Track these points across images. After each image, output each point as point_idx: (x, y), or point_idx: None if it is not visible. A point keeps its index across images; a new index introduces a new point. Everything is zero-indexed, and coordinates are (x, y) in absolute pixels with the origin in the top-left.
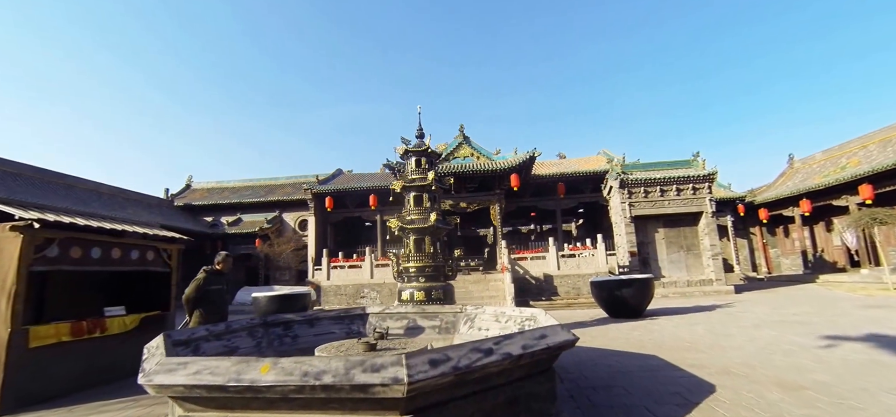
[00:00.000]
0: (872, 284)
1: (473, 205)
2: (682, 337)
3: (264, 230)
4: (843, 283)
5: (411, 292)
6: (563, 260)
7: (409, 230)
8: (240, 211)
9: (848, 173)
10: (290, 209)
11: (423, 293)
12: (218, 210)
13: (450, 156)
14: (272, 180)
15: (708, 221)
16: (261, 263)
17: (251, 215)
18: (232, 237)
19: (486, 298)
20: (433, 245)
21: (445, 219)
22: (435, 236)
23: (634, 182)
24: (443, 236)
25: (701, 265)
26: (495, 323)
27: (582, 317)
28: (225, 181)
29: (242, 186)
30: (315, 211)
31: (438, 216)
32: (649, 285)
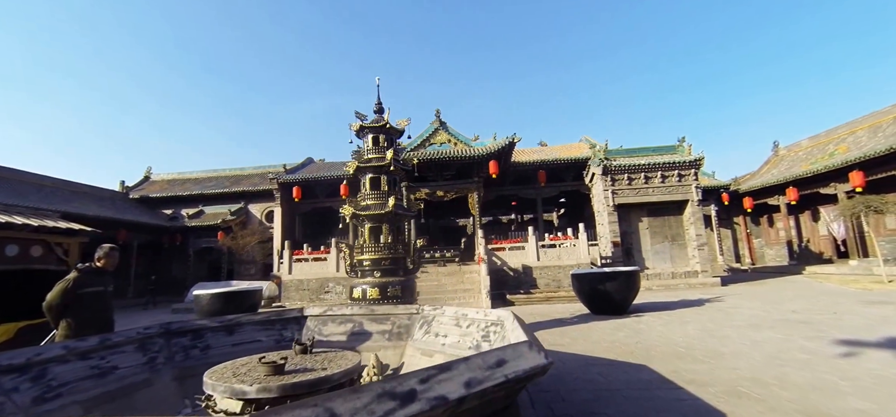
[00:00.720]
0: (863, 276)
1: (451, 193)
2: (673, 340)
3: (227, 222)
4: (832, 275)
5: (364, 288)
6: (542, 251)
7: (363, 217)
8: (202, 203)
9: (837, 160)
10: (256, 201)
11: (377, 290)
12: (179, 202)
13: (425, 142)
14: (238, 170)
15: (694, 209)
16: (224, 257)
17: (214, 206)
18: (193, 231)
19: (460, 292)
20: (392, 234)
21: (407, 204)
22: (394, 223)
23: (618, 169)
24: (404, 224)
25: (686, 255)
26: (455, 328)
27: (561, 313)
28: (187, 172)
29: (206, 176)
30: (282, 202)
31: (398, 201)
32: (635, 278)
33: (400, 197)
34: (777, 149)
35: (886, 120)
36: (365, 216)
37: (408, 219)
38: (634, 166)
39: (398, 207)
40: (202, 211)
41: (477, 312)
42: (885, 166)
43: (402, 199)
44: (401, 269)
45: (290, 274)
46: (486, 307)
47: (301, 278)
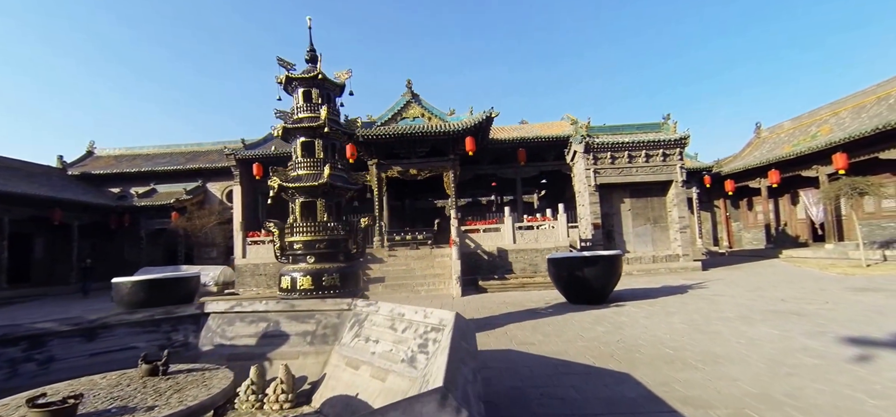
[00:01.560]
0: (839, 259)
1: (424, 172)
2: (659, 338)
3: (182, 202)
4: (808, 259)
5: (293, 277)
6: (519, 233)
7: (293, 191)
8: (155, 180)
9: (821, 141)
10: (216, 179)
11: (309, 279)
12: (127, 180)
13: (397, 116)
14: (195, 145)
15: (678, 191)
16: (180, 239)
17: (169, 184)
18: (144, 211)
19: (430, 277)
20: (329, 211)
21: (348, 175)
22: (331, 198)
23: (600, 146)
24: (344, 199)
25: (667, 238)
26: (389, 332)
27: (536, 302)
28: (137, 147)
29: (158, 152)
30: (241, 180)
31: (336, 171)
32: (617, 264)
33: (339, 166)
34: (759, 131)
35: (869, 100)
36: (295, 190)
37: (350, 193)
38: (618, 144)
39: (336, 177)
40: (154, 189)
41: (416, 312)
42: (869, 147)
43: (343, 168)
44: (341, 253)
45: (244, 258)
46: (456, 294)
47: (257, 262)
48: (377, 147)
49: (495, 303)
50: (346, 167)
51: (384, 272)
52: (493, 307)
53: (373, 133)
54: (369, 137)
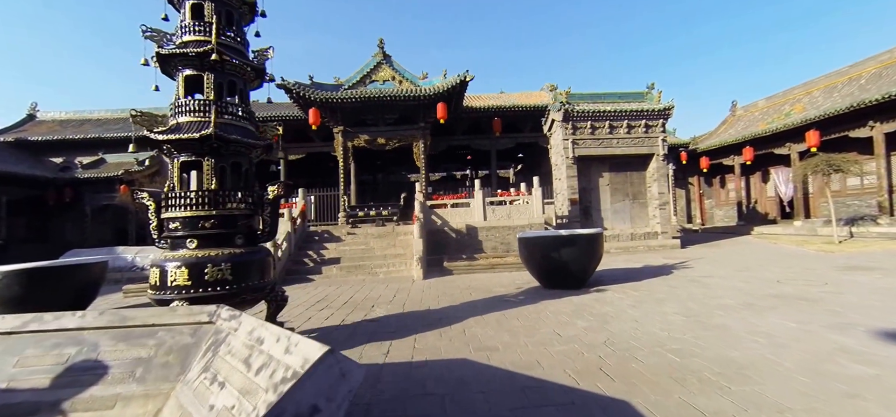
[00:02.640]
0: (808, 236)
1: (393, 141)
2: (655, 336)
3: (132, 174)
4: (779, 235)
5: (164, 270)
6: (490, 208)
7: (169, 146)
8: (104, 148)
9: (796, 119)
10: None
11: (185, 273)
12: (73, 148)
13: (366, 79)
14: (154, 109)
15: (658, 165)
16: (132, 216)
17: (120, 154)
18: (88, 184)
19: (390, 257)
20: (220, 176)
21: (256, 127)
22: (225, 157)
23: (580, 115)
24: (251, 160)
25: (646, 215)
26: (242, 370)
27: (506, 286)
28: (86, 111)
29: (111, 117)
30: None
31: (231, 118)
32: (598, 244)
33: (240, 113)
34: (735, 109)
35: (841, 80)
36: (170, 144)
37: (257, 152)
38: (599, 112)
39: (230, 128)
40: (103, 160)
41: (279, 339)
42: (840, 126)
43: (248, 117)
44: (239, 235)
45: None
46: (417, 277)
47: None
48: (343, 113)
49: (459, 288)
50: (250, 116)
51: (341, 252)
52: (455, 294)
53: (338, 97)
54: (334, 101)
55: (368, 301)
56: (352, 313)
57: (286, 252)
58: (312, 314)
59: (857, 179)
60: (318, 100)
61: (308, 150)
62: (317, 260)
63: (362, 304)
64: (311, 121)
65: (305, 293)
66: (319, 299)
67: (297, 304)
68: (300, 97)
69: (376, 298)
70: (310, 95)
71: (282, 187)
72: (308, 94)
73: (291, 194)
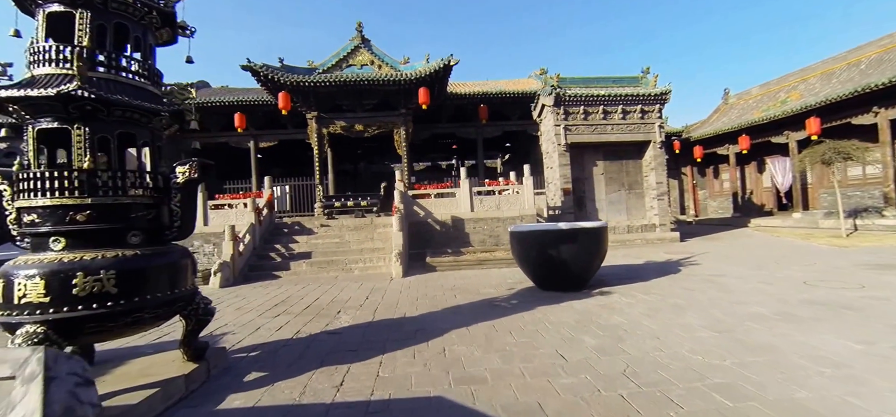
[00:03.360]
0: (809, 228)
1: (372, 128)
2: (686, 360)
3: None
4: (778, 227)
5: (13, 281)
6: (477, 199)
7: (19, 106)
8: None
9: (794, 106)
10: None
11: (44, 285)
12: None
13: (342, 63)
14: None
15: (656, 153)
16: None
17: None
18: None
19: (368, 252)
20: (90, 151)
21: (159, 88)
22: (104, 125)
23: (573, 99)
24: (152, 133)
25: (643, 206)
26: None
27: (495, 286)
28: None
29: None
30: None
31: (116, 72)
32: (602, 239)
33: (131, 67)
34: (727, 97)
35: (839, 67)
36: (18, 104)
37: (159, 121)
38: (592, 96)
39: (111, 85)
40: None
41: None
42: (842, 112)
43: (145, 73)
44: (134, 232)
45: None
46: (396, 274)
47: None
48: (317, 98)
49: (443, 288)
50: (152, 76)
51: (312, 246)
52: (437, 296)
53: (310, 80)
54: (306, 84)
55: (335, 305)
56: (311, 321)
57: (249, 247)
58: (264, 322)
59: (858, 169)
60: (288, 83)
61: (280, 137)
62: (285, 255)
63: (327, 309)
64: (281, 106)
65: (265, 293)
66: (279, 301)
67: (250, 308)
68: (269, 81)
69: (345, 301)
70: (279, 78)
71: (195, 168)
72: (277, 77)
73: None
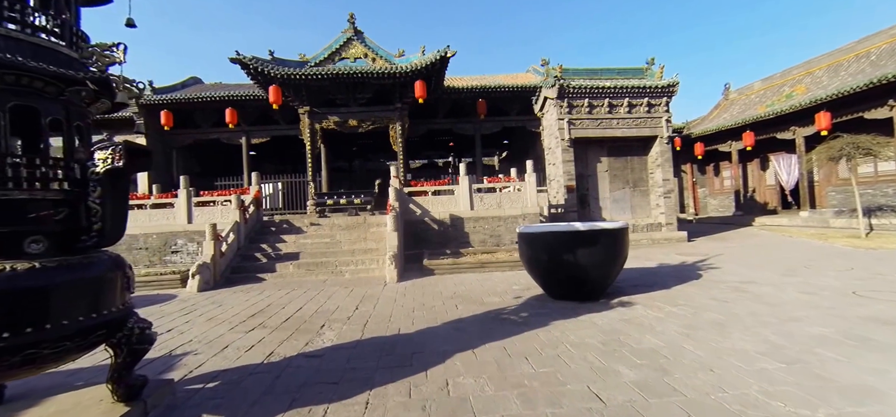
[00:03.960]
0: (819, 227)
1: (366, 124)
2: (764, 408)
3: None
4: (786, 227)
5: None
6: (477, 196)
7: None
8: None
9: (802, 100)
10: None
11: None
12: None
13: (334, 56)
14: None
15: (662, 149)
16: None
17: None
18: None
19: (360, 253)
20: None
21: (75, 48)
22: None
23: (577, 91)
24: (66, 108)
25: (648, 204)
26: None
27: (501, 294)
28: None
29: None
30: (147, 131)
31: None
32: (624, 242)
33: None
34: (728, 92)
35: (847, 58)
36: None
37: (72, 91)
38: (597, 88)
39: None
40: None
41: None
42: (854, 106)
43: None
44: (34, 238)
45: None
46: (390, 279)
47: (136, 232)
48: (309, 92)
49: (442, 296)
50: (68, 35)
51: (301, 247)
52: (436, 306)
53: (302, 73)
54: (297, 78)
55: (319, 317)
56: (289, 339)
57: (233, 246)
58: (235, 338)
59: (869, 166)
60: (278, 76)
61: (272, 133)
62: (271, 256)
63: (310, 322)
64: (272, 100)
65: (245, 299)
66: (258, 309)
67: (224, 317)
68: (258, 73)
69: (332, 312)
70: (269, 70)
71: (121, 153)
72: (267, 69)
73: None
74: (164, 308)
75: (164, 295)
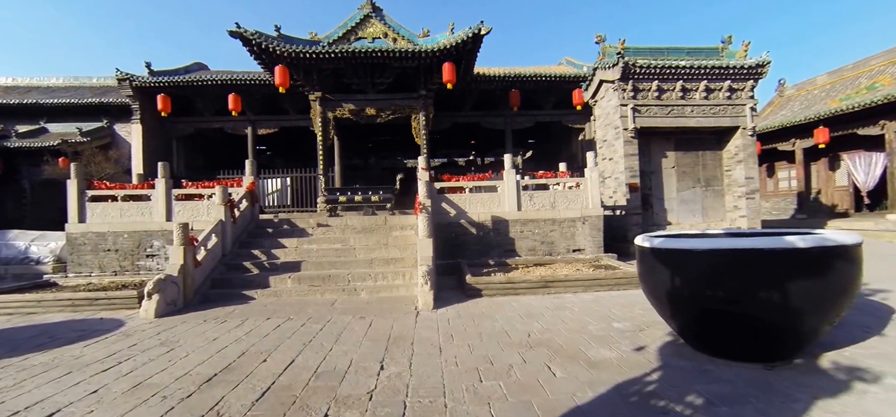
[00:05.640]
0: None
1: (386, 113)
2: None
3: (74, 145)
4: (874, 231)
5: None
6: (526, 195)
7: None
8: (46, 117)
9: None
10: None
11: None
12: (11, 115)
13: (350, 35)
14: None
15: (745, 141)
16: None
17: (67, 123)
18: (24, 154)
19: (379, 263)
20: None
21: None
22: None
23: (644, 72)
24: None
25: (722, 207)
26: None
27: (609, 343)
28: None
29: (62, 85)
30: (142, 117)
31: None
32: (860, 267)
33: None
34: (783, 89)
35: None
36: None
37: None
38: (669, 68)
39: None
40: (44, 129)
41: None
42: None
43: None
44: None
45: (82, 223)
46: (424, 304)
47: (104, 230)
48: (321, 75)
49: (511, 341)
50: None
51: (303, 254)
52: (513, 367)
53: (313, 52)
54: (307, 57)
55: (321, 390)
56: None
57: (215, 252)
58: None
59: None
60: (285, 55)
61: (281, 123)
62: (265, 266)
63: (304, 402)
64: (278, 83)
65: (214, 336)
66: (222, 366)
67: (158, 387)
68: (263, 51)
69: (342, 374)
70: (275, 48)
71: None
72: (272, 47)
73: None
74: (86, 351)
75: (107, 322)
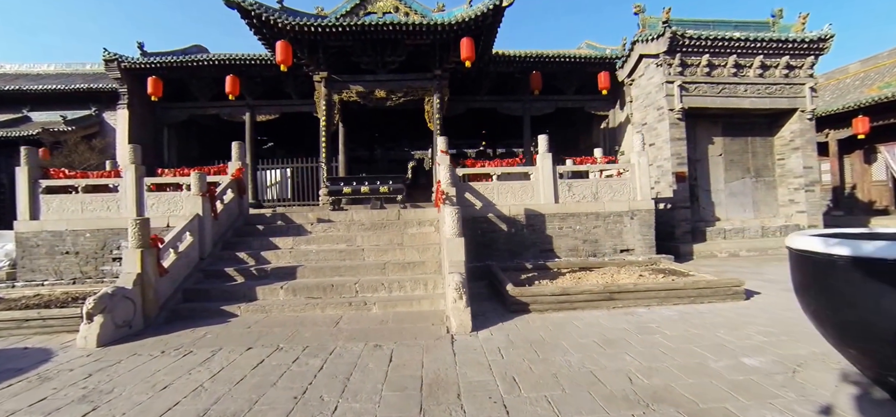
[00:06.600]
0: None
1: (397, 95)
2: None
3: (56, 135)
4: None
5: None
6: (563, 184)
7: None
8: (29, 105)
9: None
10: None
11: None
12: None
13: (358, 9)
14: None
15: (803, 126)
16: None
17: (50, 112)
18: (9, 144)
19: (394, 267)
20: None
21: None
22: None
23: (694, 44)
24: None
25: (774, 200)
26: None
27: (769, 403)
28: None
29: (52, 72)
30: (130, 102)
31: None
32: None
33: None
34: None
35: None
36: None
37: None
38: (722, 41)
39: None
40: (27, 117)
41: None
42: None
43: None
44: None
45: (35, 220)
46: (458, 325)
47: (61, 228)
48: (326, 52)
49: (597, 386)
50: None
51: (301, 256)
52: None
53: (318, 25)
54: (312, 30)
55: None
56: None
57: (190, 255)
58: None
59: None
60: (288, 29)
61: (283, 108)
62: (252, 272)
63: None
64: (280, 59)
65: (167, 383)
66: None
67: None
68: (263, 24)
69: None
70: (276, 20)
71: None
72: (273, 19)
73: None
74: None
75: (30, 354)
